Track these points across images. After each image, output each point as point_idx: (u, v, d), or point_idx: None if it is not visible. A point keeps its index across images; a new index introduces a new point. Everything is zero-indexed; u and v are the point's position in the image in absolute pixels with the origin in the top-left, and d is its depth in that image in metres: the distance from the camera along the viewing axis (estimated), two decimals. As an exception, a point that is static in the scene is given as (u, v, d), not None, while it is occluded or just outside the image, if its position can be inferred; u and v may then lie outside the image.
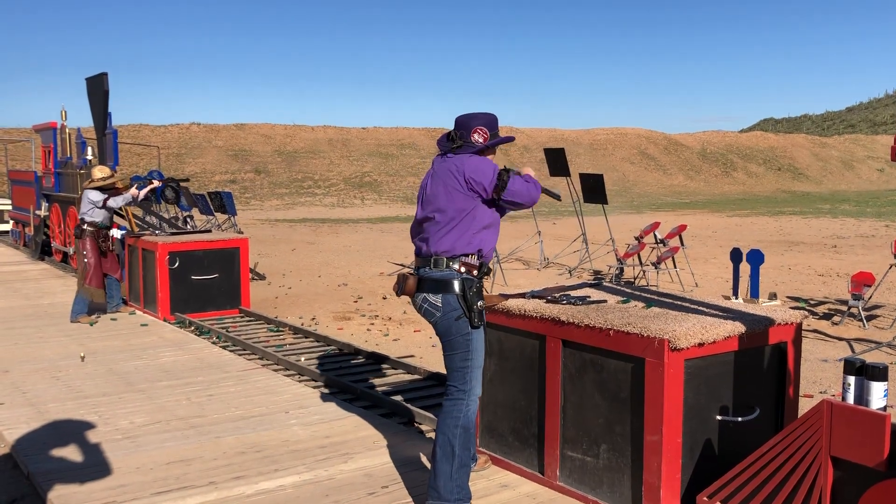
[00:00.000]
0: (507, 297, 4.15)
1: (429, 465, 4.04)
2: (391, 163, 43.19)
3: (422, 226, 3.69)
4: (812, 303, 10.78)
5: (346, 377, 6.58)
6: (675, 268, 12.79)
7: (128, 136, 36.53)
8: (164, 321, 8.75)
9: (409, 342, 8.60)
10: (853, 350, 8.16)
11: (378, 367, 6.97)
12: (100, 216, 8.52)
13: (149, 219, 14.09)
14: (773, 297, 10.43)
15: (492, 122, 3.69)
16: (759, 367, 3.69)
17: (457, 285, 3.54)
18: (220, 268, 9.31)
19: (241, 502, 3.83)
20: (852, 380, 2.89)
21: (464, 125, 3.65)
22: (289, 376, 6.53)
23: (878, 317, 9.79)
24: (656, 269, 12.22)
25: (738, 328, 3.50)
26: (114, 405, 5.43)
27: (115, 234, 8.84)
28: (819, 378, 7.02)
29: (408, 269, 10.75)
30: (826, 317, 9.80)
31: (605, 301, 4.03)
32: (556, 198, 4.09)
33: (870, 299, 10.14)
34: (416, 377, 6.64)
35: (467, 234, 3.57)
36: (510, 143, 4.02)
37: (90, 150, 12.42)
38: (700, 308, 3.85)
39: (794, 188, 50.36)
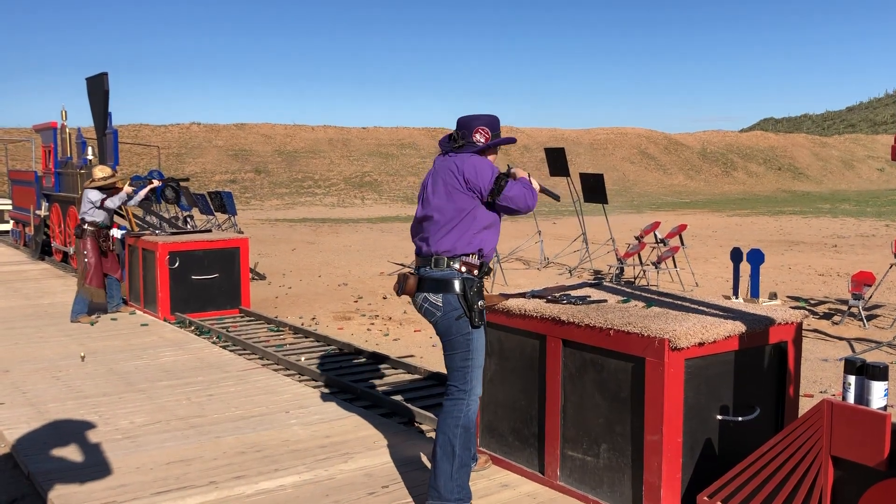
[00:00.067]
0: (507, 296, 4.15)
1: (429, 464, 4.04)
2: (391, 163, 43.20)
3: (422, 225, 3.70)
4: (812, 302, 10.78)
5: (347, 377, 6.58)
6: (676, 267, 12.78)
7: (128, 135, 36.57)
8: (165, 321, 8.75)
9: (410, 342, 8.60)
10: (853, 350, 8.16)
11: (378, 366, 6.96)
12: (100, 216, 8.52)
13: (149, 219, 14.09)
14: (773, 296, 10.43)
15: (493, 123, 3.72)
16: (759, 367, 3.69)
17: (457, 285, 3.55)
18: (221, 268, 9.32)
19: (241, 502, 3.83)
20: (853, 379, 2.89)
21: (466, 125, 3.69)
22: (289, 376, 6.53)
23: (879, 316, 9.78)
24: (656, 268, 12.21)
25: (739, 328, 3.50)
26: (114, 405, 5.43)
27: (116, 233, 8.84)
28: (819, 378, 7.02)
29: (408, 269, 10.74)
30: (826, 316, 9.80)
31: (606, 301, 4.03)
32: (556, 198, 4.09)
33: (870, 299, 10.14)
34: (417, 377, 6.65)
35: (468, 233, 3.57)
36: (511, 143, 4.04)
37: (90, 149, 12.43)
38: (700, 308, 3.85)
39: (794, 188, 50.36)
